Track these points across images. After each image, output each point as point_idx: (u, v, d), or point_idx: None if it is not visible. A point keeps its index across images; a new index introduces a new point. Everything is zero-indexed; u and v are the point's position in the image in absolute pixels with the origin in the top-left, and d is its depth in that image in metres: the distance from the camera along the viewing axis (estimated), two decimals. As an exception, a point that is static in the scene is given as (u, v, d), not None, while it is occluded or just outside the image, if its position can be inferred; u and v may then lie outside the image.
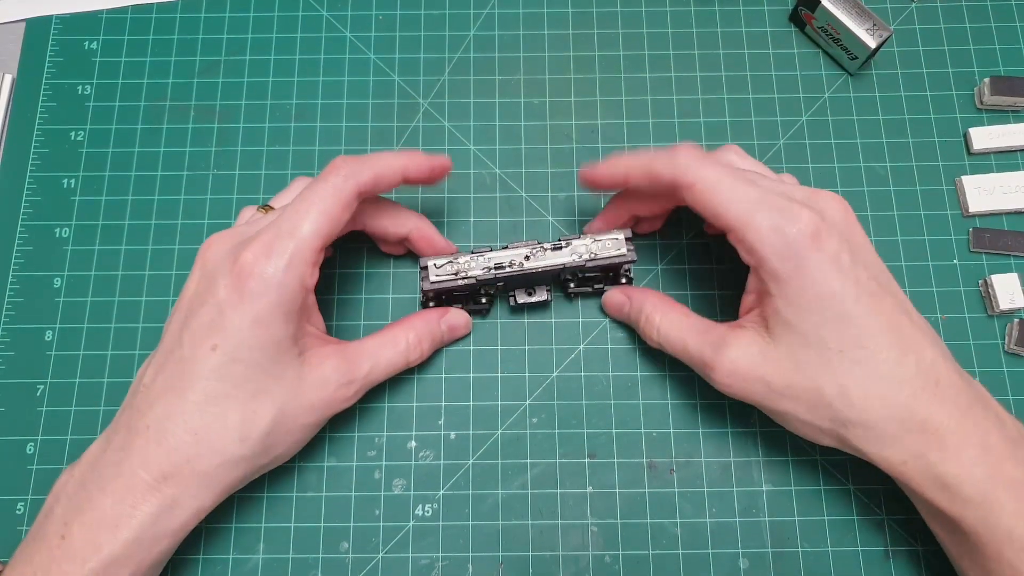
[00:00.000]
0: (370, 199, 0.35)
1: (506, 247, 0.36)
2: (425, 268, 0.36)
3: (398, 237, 0.37)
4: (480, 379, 0.39)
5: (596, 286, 0.39)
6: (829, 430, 0.31)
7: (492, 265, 0.35)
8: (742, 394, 0.32)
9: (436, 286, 0.35)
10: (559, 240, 0.36)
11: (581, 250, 0.36)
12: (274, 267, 0.30)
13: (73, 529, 0.29)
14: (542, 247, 0.36)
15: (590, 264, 0.36)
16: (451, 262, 0.36)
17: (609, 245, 0.36)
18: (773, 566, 0.36)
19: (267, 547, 0.37)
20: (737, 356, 0.32)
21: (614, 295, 0.38)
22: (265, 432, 0.31)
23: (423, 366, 0.39)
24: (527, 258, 0.35)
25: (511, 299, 0.38)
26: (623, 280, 0.38)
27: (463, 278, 0.35)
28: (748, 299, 0.33)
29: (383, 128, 0.43)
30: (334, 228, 0.31)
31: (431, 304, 0.38)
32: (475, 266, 0.35)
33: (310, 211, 0.31)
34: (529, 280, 0.37)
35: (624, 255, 0.36)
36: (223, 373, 0.30)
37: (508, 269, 0.35)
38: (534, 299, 0.38)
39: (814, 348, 0.30)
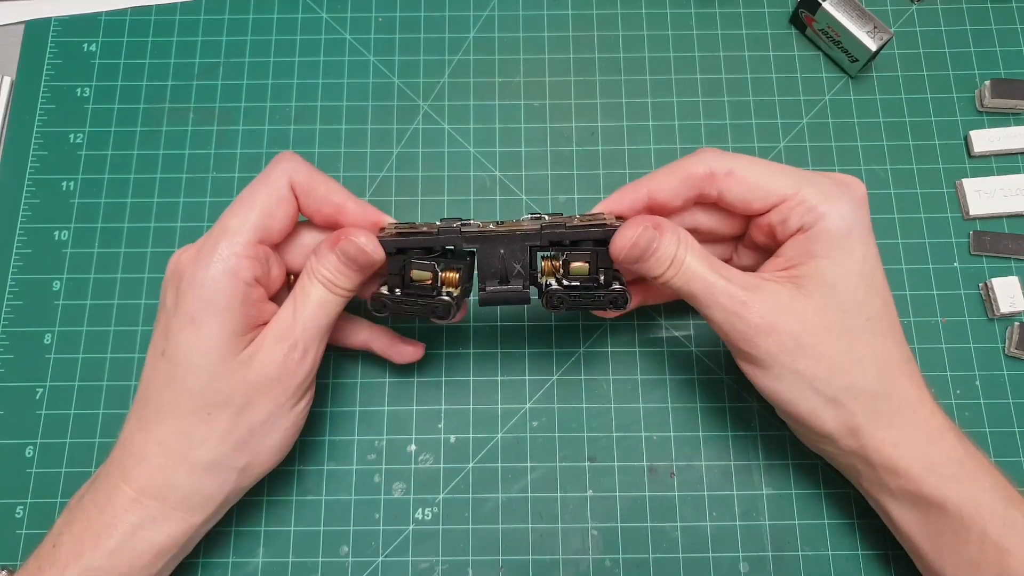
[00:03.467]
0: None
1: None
2: (382, 229, 0.32)
3: (355, 347, 0.38)
4: (480, 382, 0.39)
5: (579, 296, 0.31)
6: (835, 401, 0.30)
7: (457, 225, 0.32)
8: (766, 343, 0.30)
9: (392, 240, 0.31)
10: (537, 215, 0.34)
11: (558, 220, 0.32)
12: (203, 266, 0.30)
13: (63, 538, 0.30)
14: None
15: (568, 232, 0.31)
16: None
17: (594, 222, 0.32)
18: (773, 570, 0.36)
19: (267, 551, 0.37)
20: (773, 302, 0.30)
21: (630, 229, 0.30)
22: (225, 431, 0.30)
23: (423, 368, 0.39)
24: (498, 223, 0.32)
25: (481, 287, 0.32)
26: (615, 284, 0.32)
27: (424, 230, 0.31)
28: (776, 261, 0.32)
29: (383, 130, 0.43)
30: (265, 219, 0.31)
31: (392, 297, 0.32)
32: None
33: (241, 207, 0.31)
34: (503, 261, 0.32)
35: (605, 223, 0.31)
36: (172, 379, 0.30)
37: (473, 225, 0.32)
38: (507, 288, 0.32)
39: (847, 312, 0.30)
